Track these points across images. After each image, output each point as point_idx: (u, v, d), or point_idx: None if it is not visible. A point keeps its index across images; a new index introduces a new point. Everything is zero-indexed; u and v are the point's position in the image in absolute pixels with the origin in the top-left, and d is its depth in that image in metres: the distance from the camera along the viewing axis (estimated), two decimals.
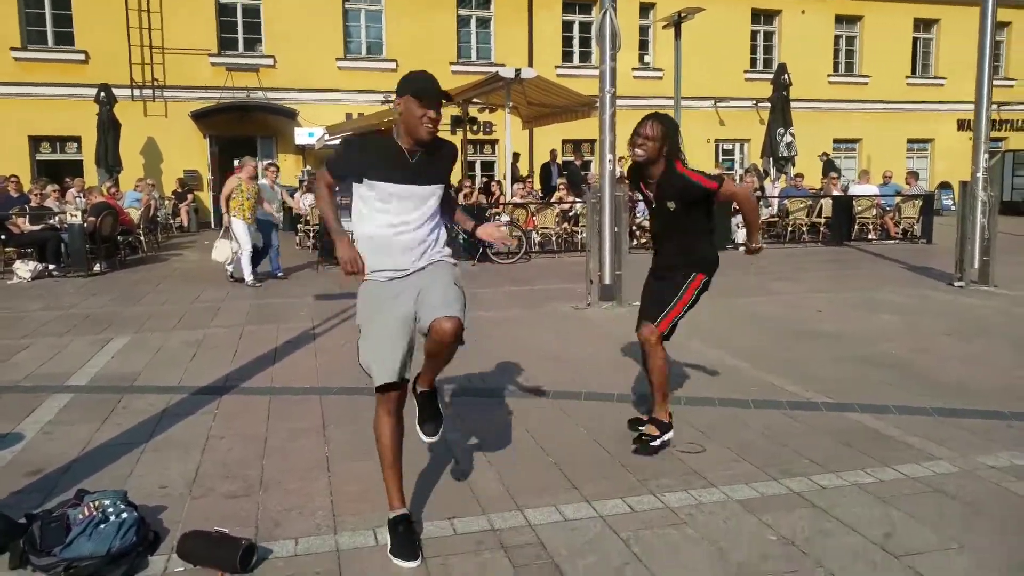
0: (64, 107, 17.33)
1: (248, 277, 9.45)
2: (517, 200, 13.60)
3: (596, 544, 2.77)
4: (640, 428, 3.70)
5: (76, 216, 10.59)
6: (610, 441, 3.83)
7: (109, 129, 16.45)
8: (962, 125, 23.95)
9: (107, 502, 2.82)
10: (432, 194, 2.80)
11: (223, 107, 18.18)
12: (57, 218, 11.40)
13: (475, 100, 15.93)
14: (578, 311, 7.52)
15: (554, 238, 13.27)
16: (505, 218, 12.50)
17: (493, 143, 20.60)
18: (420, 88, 2.67)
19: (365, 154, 2.76)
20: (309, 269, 11.10)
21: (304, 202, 13.95)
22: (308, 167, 18.60)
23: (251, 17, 18.75)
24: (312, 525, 2.96)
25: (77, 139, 17.98)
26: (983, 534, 2.81)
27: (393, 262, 2.76)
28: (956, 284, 8.59)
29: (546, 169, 17.58)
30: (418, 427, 2.89)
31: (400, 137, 2.75)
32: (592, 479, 3.36)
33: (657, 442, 3.61)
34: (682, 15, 15.21)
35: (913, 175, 15.78)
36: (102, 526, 2.71)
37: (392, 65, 19.29)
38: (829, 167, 18.04)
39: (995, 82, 25.88)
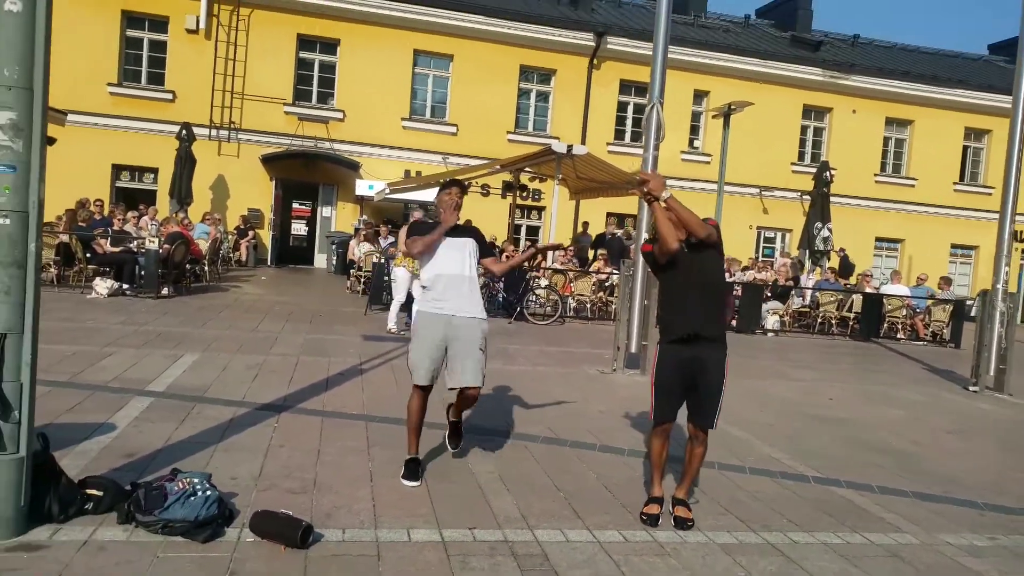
0: (147, 140, 18.80)
1: (392, 325, 9.80)
2: (557, 266, 14.30)
3: (591, 562, 3.31)
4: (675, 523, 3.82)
5: (154, 243, 11.60)
6: (616, 486, 4.36)
7: (186, 164, 17.78)
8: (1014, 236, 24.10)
9: (196, 480, 3.46)
10: (465, 245, 4.23)
11: (291, 153, 19.48)
12: (136, 242, 12.46)
13: (527, 169, 16.87)
14: (603, 375, 8.06)
15: (589, 305, 13.87)
16: (544, 282, 13.19)
17: (540, 210, 21.50)
18: (443, 185, 4.38)
19: (423, 227, 4.39)
20: (359, 312, 11.84)
21: (359, 250, 14.89)
22: (364, 216, 19.68)
23: (327, 72, 20.19)
24: (357, 521, 3.55)
25: (155, 170, 19.38)
26: None
27: (445, 302, 4.15)
28: (971, 388, 8.91)
29: (601, 239, 18.34)
30: (447, 440, 4.56)
31: (439, 217, 4.31)
32: (595, 513, 3.89)
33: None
34: (732, 107, 16.02)
35: (946, 280, 16.07)
36: (192, 498, 3.34)
37: (453, 129, 20.51)
38: (845, 263, 18.41)
39: None
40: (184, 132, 17.72)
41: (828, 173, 17.06)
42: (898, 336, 14.75)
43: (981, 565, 3.63)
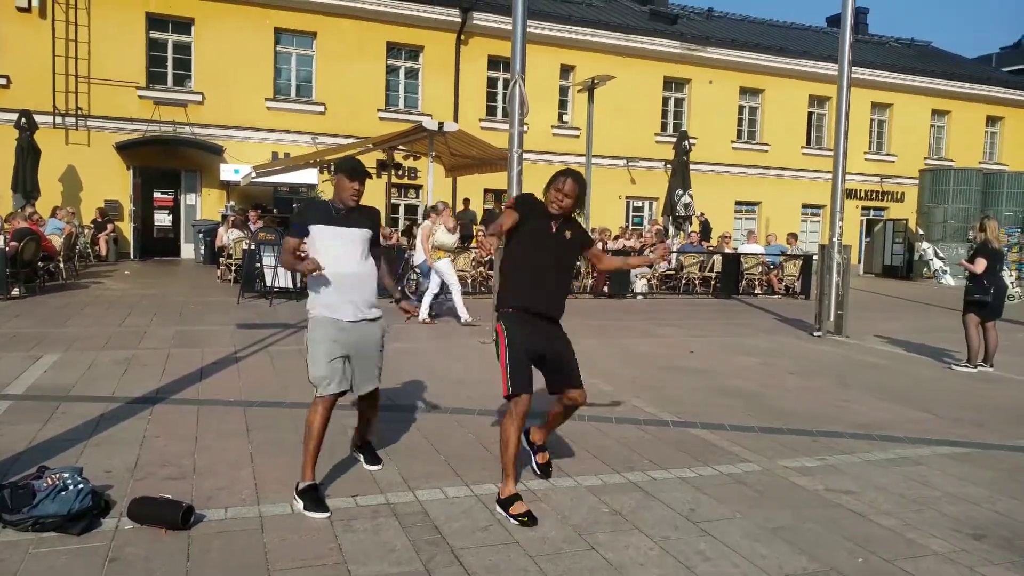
0: None
1: (424, 314, 10.04)
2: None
3: (469, 513, 3.55)
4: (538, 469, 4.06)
5: None
6: (494, 445, 4.59)
7: (28, 155, 16.43)
8: (850, 194, 26.45)
9: (66, 475, 3.40)
10: (361, 236, 3.76)
11: (148, 140, 18.40)
12: None
13: (401, 147, 16.78)
14: (483, 345, 8.32)
15: (470, 280, 14.10)
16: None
17: (417, 188, 21.46)
18: (351, 168, 3.74)
19: (311, 211, 3.85)
20: (231, 301, 11.49)
21: (227, 237, 14.37)
22: (232, 202, 18.93)
23: (182, 53, 19.15)
24: (239, 499, 3.61)
25: None
26: (759, 508, 3.75)
27: (342, 305, 3.70)
28: (815, 334, 9.88)
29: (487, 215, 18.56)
30: (365, 463, 4.14)
31: (334, 200, 3.79)
32: (474, 470, 4.14)
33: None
34: (595, 81, 16.59)
35: (793, 236, 17.52)
36: (63, 492, 3.29)
37: (321, 108, 20.03)
38: (705, 227, 19.68)
39: (877, 157, 28.63)
40: (24, 120, 16.33)
41: (687, 142, 18.05)
42: (755, 291, 15.99)
43: (809, 482, 4.18)
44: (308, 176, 18.67)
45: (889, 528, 3.59)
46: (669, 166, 20.57)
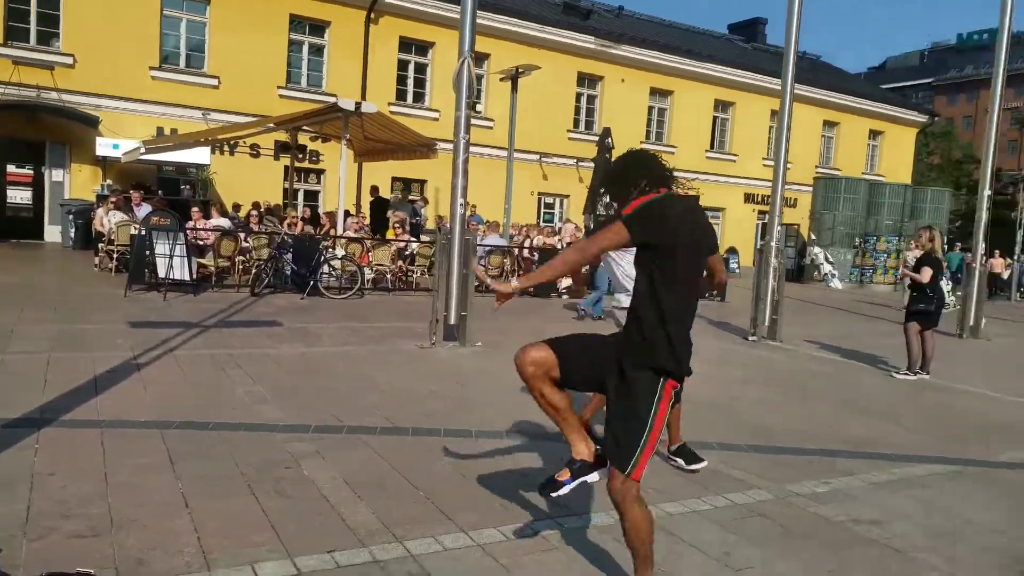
0: None
1: None
2: (351, 234, 13.45)
3: (480, 572, 2.89)
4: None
5: None
6: (473, 474, 3.97)
7: None
8: (748, 198, 27.38)
9: None
10: None
11: (6, 104, 16.19)
12: None
13: (306, 128, 15.62)
14: (423, 350, 7.60)
15: (388, 276, 13.23)
16: (340, 251, 12.33)
17: (319, 172, 20.20)
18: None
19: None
20: (116, 293, 10.09)
21: (109, 220, 12.77)
22: (109, 181, 17.03)
23: (48, 8, 16.98)
24: (182, 563, 2.80)
25: None
26: (798, 551, 3.32)
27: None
28: (750, 338, 9.79)
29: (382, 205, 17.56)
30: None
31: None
32: (463, 510, 3.47)
33: None
34: (520, 71, 16.05)
35: None
36: None
37: (214, 82, 18.42)
38: None
39: (774, 164, 29.62)
40: None
41: (610, 140, 17.89)
42: None
43: (830, 511, 3.80)
44: (200, 155, 17.10)
45: (937, 568, 3.24)
46: (584, 164, 20.39)
